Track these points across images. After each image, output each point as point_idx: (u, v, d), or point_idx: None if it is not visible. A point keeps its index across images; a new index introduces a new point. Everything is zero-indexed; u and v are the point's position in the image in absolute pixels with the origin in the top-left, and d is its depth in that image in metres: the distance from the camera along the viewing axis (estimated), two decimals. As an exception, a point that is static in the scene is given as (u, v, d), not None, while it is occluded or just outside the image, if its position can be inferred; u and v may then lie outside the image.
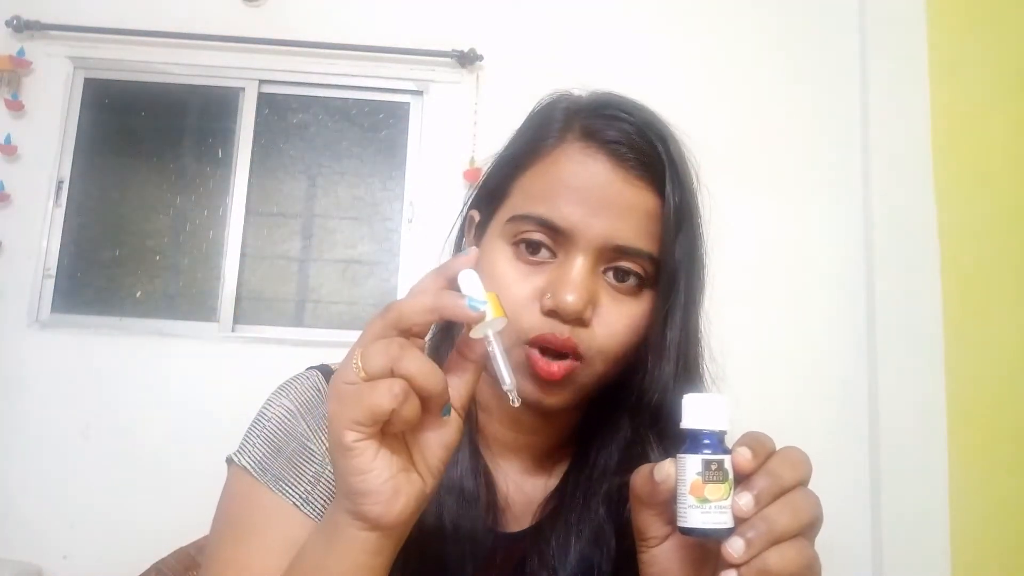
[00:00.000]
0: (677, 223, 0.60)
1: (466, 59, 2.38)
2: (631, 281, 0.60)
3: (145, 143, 2.47)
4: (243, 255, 2.37)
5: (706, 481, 0.45)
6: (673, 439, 0.60)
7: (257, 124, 2.42)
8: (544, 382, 0.58)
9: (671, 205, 0.59)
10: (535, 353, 0.58)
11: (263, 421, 0.66)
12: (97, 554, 2.08)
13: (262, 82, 2.44)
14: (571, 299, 0.56)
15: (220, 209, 2.41)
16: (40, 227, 2.30)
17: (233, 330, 2.32)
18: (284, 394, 0.67)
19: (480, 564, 0.61)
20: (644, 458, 0.61)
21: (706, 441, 0.47)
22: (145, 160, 2.46)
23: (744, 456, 0.46)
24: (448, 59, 2.40)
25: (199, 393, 2.19)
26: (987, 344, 2.19)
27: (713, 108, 2.43)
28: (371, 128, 2.49)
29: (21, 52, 2.32)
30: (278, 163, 2.45)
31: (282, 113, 2.47)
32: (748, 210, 2.38)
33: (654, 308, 0.61)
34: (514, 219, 0.60)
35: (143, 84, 2.46)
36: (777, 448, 0.48)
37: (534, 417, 0.65)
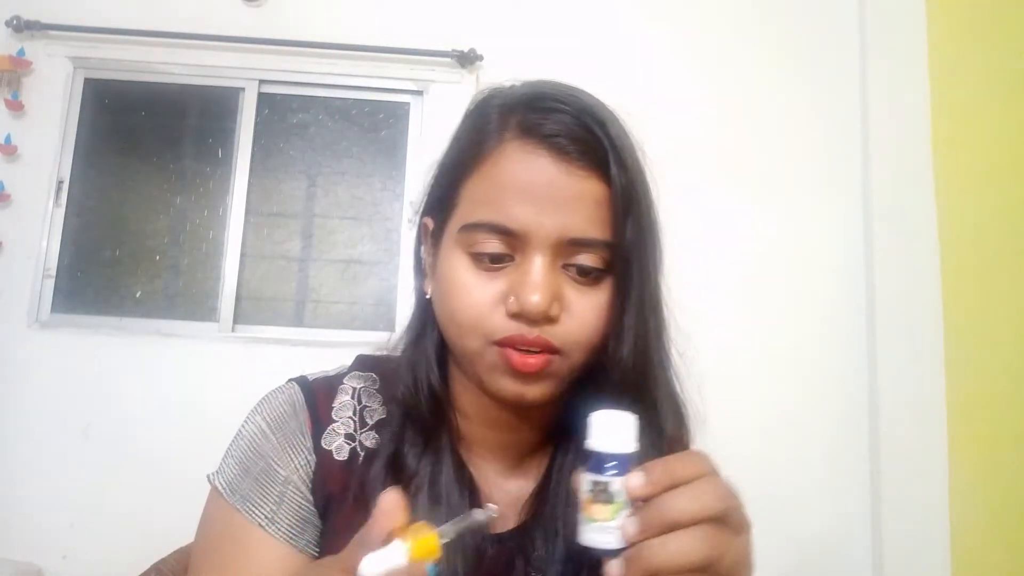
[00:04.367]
0: (625, 206, 0.59)
1: (466, 59, 2.38)
2: (592, 271, 0.59)
3: (145, 143, 2.46)
4: (243, 255, 2.37)
5: (593, 501, 0.45)
6: (643, 420, 0.62)
7: (257, 124, 2.42)
8: (522, 375, 0.58)
9: (618, 189, 0.58)
10: (508, 349, 0.58)
11: (238, 440, 0.67)
12: (97, 554, 2.08)
13: (262, 82, 2.44)
14: (536, 299, 0.56)
15: (220, 209, 2.41)
16: (40, 227, 2.30)
17: (233, 330, 2.32)
18: (259, 411, 0.68)
19: (468, 567, 0.61)
20: (569, 440, 0.63)
21: (608, 463, 0.46)
22: (145, 160, 2.46)
23: (634, 482, 0.45)
24: (448, 59, 2.40)
25: (199, 393, 2.19)
26: (987, 344, 2.19)
27: (713, 108, 2.44)
28: (371, 128, 2.49)
29: (21, 52, 2.32)
30: (278, 163, 2.45)
31: (282, 113, 2.47)
32: (748, 210, 2.39)
33: (616, 292, 0.60)
34: (466, 228, 0.59)
35: (143, 84, 2.46)
36: (706, 472, 0.46)
37: (512, 415, 0.65)
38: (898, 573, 2.16)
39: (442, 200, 0.64)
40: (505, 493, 0.67)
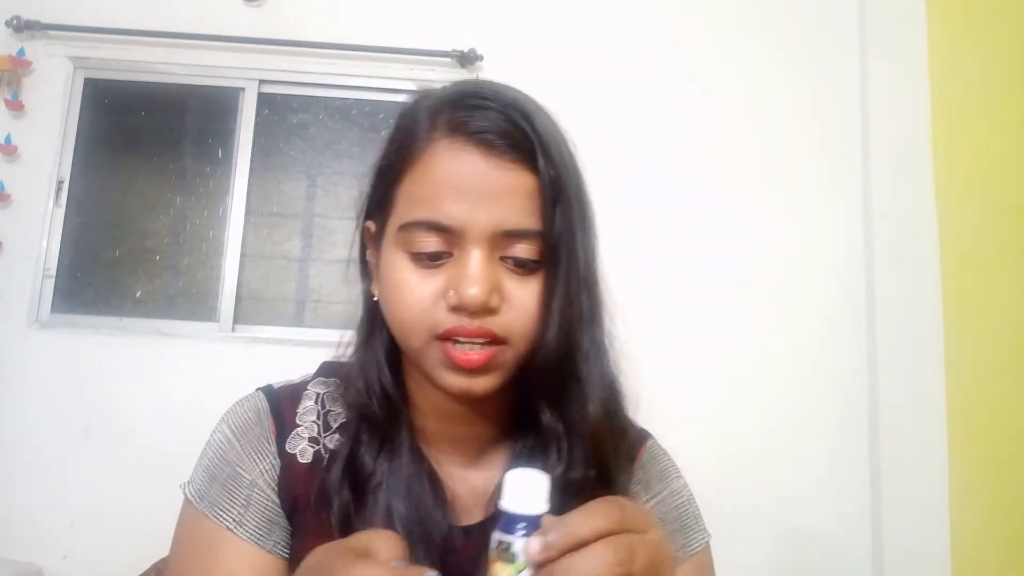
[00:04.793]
0: (554, 197, 0.60)
1: (466, 59, 2.38)
2: (528, 262, 0.60)
3: (145, 143, 2.46)
4: (243, 255, 2.37)
5: (497, 559, 0.45)
6: (566, 403, 0.63)
7: (257, 124, 2.42)
8: (466, 371, 0.60)
9: (546, 180, 0.59)
10: (449, 345, 0.59)
11: (206, 449, 0.69)
12: (97, 554, 2.08)
13: (262, 82, 2.44)
14: (474, 292, 0.57)
15: (220, 209, 2.41)
16: (40, 227, 2.30)
17: (233, 330, 2.32)
18: (225, 420, 0.70)
19: (435, 562, 0.62)
20: (537, 423, 0.64)
21: (517, 523, 0.45)
22: (145, 160, 2.46)
23: (533, 547, 0.44)
24: (448, 59, 2.40)
25: (199, 393, 2.18)
26: (987, 344, 2.19)
27: (713, 108, 2.44)
28: (371, 128, 2.49)
29: (21, 52, 2.32)
30: (278, 163, 2.45)
31: (282, 113, 2.47)
32: (748, 210, 2.39)
33: (550, 279, 0.62)
34: (404, 227, 0.60)
35: (143, 84, 2.46)
36: (608, 528, 0.44)
37: (466, 408, 0.66)
38: (898, 573, 2.16)
39: (380, 203, 0.65)
40: (469, 487, 0.68)
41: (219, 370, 2.23)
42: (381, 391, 0.66)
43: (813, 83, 2.46)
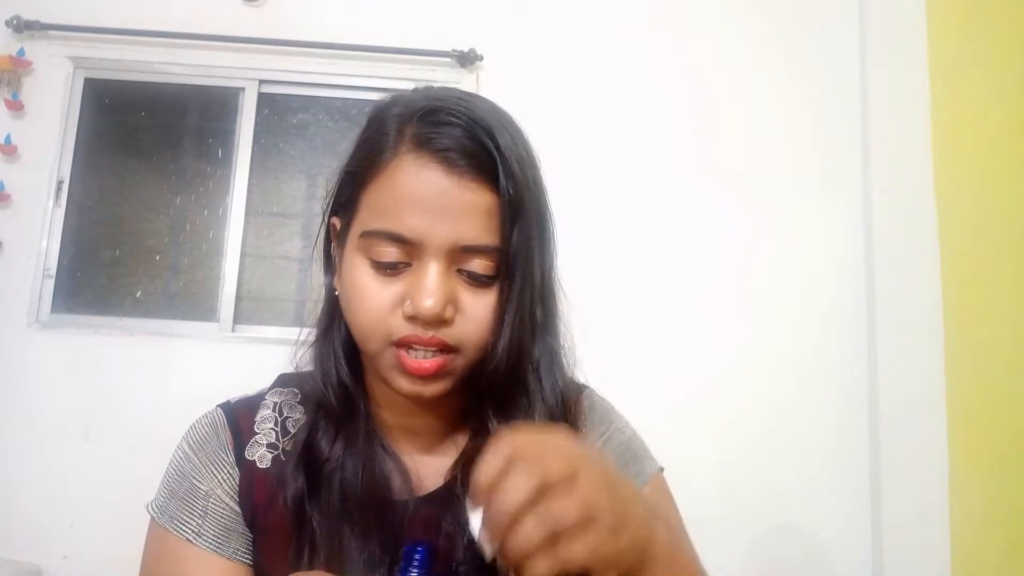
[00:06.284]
0: (513, 215, 0.62)
1: (466, 59, 2.38)
2: (485, 276, 0.63)
3: (145, 143, 2.46)
4: (243, 255, 2.37)
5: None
6: (513, 411, 0.66)
7: (257, 124, 2.42)
8: (418, 377, 0.62)
9: (506, 198, 0.61)
10: (402, 352, 0.62)
11: (168, 468, 0.72)
12: (97, 554, 2.08)
13: (262, 82, 2.44)
14: (429, 304, 0.59)
15: (220, 209, 2.41)
16: (40, 227, 2.30)
17: (233, 330, 2.32)
18: (185, 438, 0.73)
19: (399, 528, 0.65)
20: (482, 422, 0.67)
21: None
22: (145, 160, 2.46)
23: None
24: (448, 59, 2.40)
25: (199, 393, 2.18)
26: (987, 344, 2.19)
27: (712, 109, 2.44)
28: (371, 128, 2.49)
29: (21, 52, 2.32)
30: (278, 163, 2.45)
31: (282, 113, 2.47)
32: (748, 210, 2.39)
33: (504, 292, 0.64)
34: (366, 234, 0.63)
35: (143, 84, 2.45)
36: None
37: (419, 405, 0.69)
38: (898, 572, 2.16)
39: (346, 204, 0.67)
40: (428, 464, 0.70)
41: (219, 370, 2.23)
42: (338, 380, 0.68)
43: (813, 83, 2.46)
